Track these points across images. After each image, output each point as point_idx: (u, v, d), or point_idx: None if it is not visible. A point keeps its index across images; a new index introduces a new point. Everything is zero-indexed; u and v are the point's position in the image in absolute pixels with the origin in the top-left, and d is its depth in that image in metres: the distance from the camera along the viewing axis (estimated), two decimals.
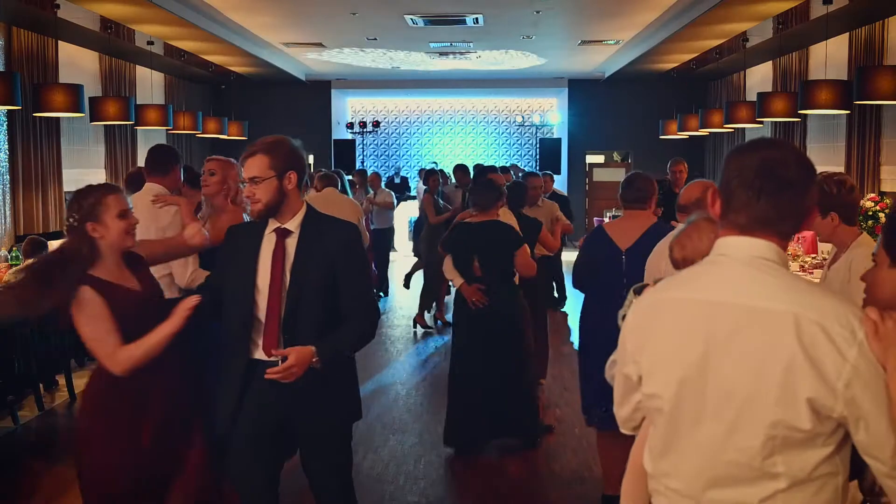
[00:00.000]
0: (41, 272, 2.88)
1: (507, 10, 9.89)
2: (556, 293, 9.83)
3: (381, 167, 18.92)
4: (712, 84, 14.96)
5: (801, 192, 1.62)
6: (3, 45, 8.89)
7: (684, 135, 12.78)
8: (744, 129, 11.50)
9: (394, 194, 11.35)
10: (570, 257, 7.07)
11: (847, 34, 9.33)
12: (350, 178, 10.08)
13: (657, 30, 10.80)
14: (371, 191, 10.83)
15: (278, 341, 2.95)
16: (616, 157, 18.07)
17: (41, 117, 9.13)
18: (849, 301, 1.57)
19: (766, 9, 8.54)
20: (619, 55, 13.24)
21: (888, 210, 7.27)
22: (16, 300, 2.89)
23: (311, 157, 17.05)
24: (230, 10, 9.93)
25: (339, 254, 3.01)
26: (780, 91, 11.01)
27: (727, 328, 1.59)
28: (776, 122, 10.99)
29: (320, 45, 12.46)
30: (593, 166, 17.09)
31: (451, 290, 7.96)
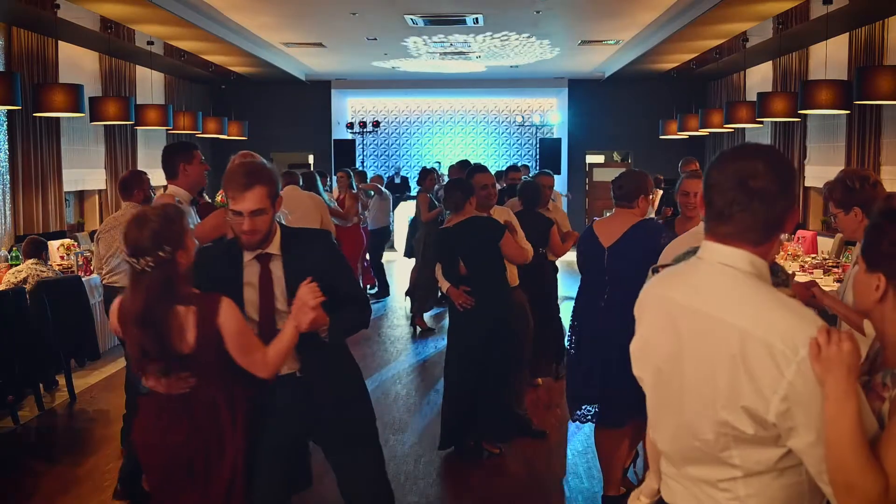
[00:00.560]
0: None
1: (507, 9, 9.89)
2: None
3: (382, 167, 18.92)
4: (712, 84, 14.96)
5: (772, 202, 1.67)
6: (3, 45, 8.89)
7: (684, 135, 12.78)
8: (744, 129, 11.50)
9: (386, 193, 11.26)
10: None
11: (847, 34, 9.33)
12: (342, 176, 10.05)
13: (657, 30, 10.80)
14: (354, 188, 10.60)
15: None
16: (616, 157, 18.08)
17: (41, 117, 9.13)
18: (805, 319, 1.60)
19: (766, 9, 8.53)
20: (619, 55, 13.24)
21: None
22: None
23: (311, 157, 17.07)
24: (230, 10, 9.93)
25: (324, 264, 3.01)
26: (780, 91, 11.02)
27: (691, 332, 1.71)
28: (776, 122, 11.01)
29: (320, 45, 12.46)
30: (593, 166, 17.10)
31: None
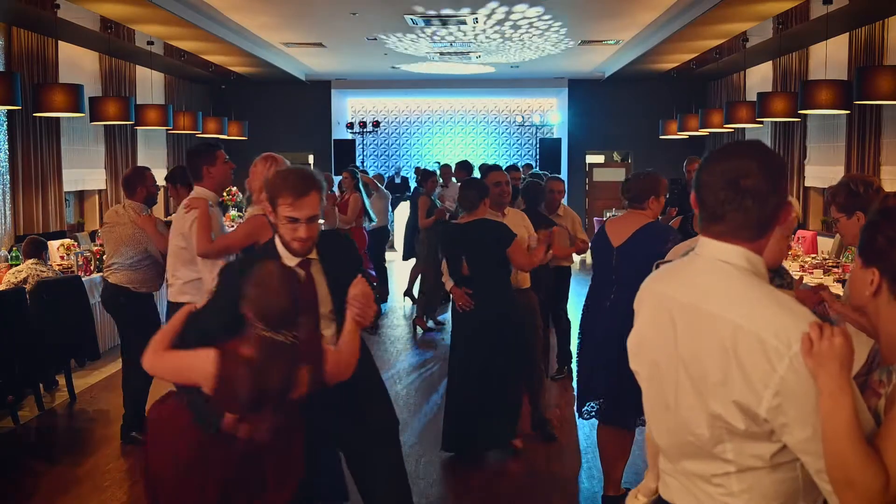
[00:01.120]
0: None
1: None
2: None
3: (382, 167, 18.92)
4: (712, 84, 14.96)
5: (764, 199, 1.68)
6: (3, 45, 8.89)
7: (684, 135, 12.78)
8: (744, 129, 11.50)
9: (384, 192, 11.21)
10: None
11: (847, 34, 9.33)
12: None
13: (657, 30, 10.80)
14: (361, 188, 10.53)
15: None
16: (616, 157, 18.08)
17: (41, 117, 9.13)
18: (798, 315, 1.60)
19: (766, 9, 8.53)
20: (619, 55, 13.24)
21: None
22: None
23: (311, 157, 17.07)
24: (230, 10, 9.93)
25: (354, 264, 3.12)
26: (780, 91, 11.02)
27: (686, 326, 1.72)
28: (776, 122, 11.01)
29: (320, 45, 12.46)
30: (593, 166, 17.10)
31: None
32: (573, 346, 7.33)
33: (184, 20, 9.09)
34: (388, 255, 11.48)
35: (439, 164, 11.67)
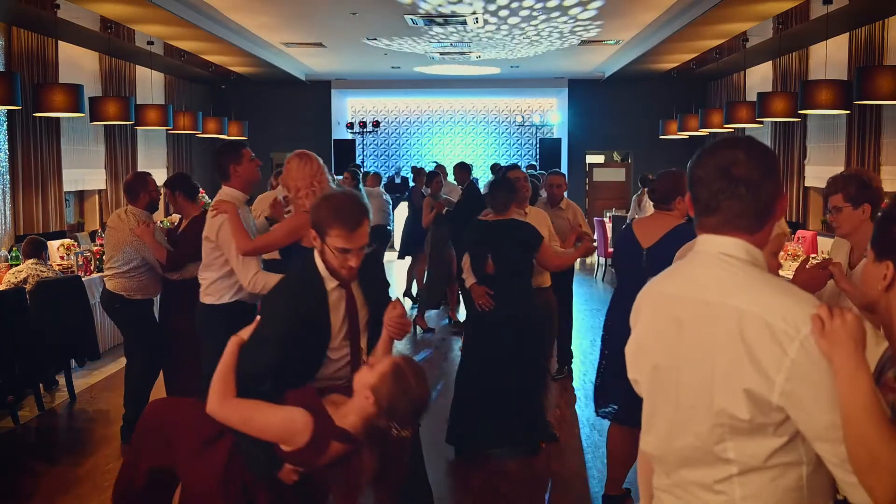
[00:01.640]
0: None
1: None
2: None
3: (382, 167, 18.93)
4: (712, 84, 14.96)
5: (758, 186, 1.67)
6: (3, 45, 8.89)
7: (684, 135, 12.78)
8: (744, 128, 11.50)
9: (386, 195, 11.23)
10: None
11: (847, 34, 9.33)
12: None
13: (657, 30, 10.80)
14: (362, 189, 10.56)
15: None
16: (616, 157, 18.08)
17: (41, 117, 9.13)
18: (804, 299, 1.59)
19: (766, 9, 8.53)
20: (619, 55, 13.23)
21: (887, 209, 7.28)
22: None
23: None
24: (230, 10, 9.93)
25: (382, 275, 3.31)
26: (780, 91, 11.02)
27: (690, 320, 1.69)
28: (776, 122, 11.01)
29: (320, 45, 12.46)
30: (593, 166, 17.10)
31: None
32: (573, 345, 7.35)
33: (184, 20, 9.09)
34: (386, 255, 11.47)
35: (436, 164, 11.66)
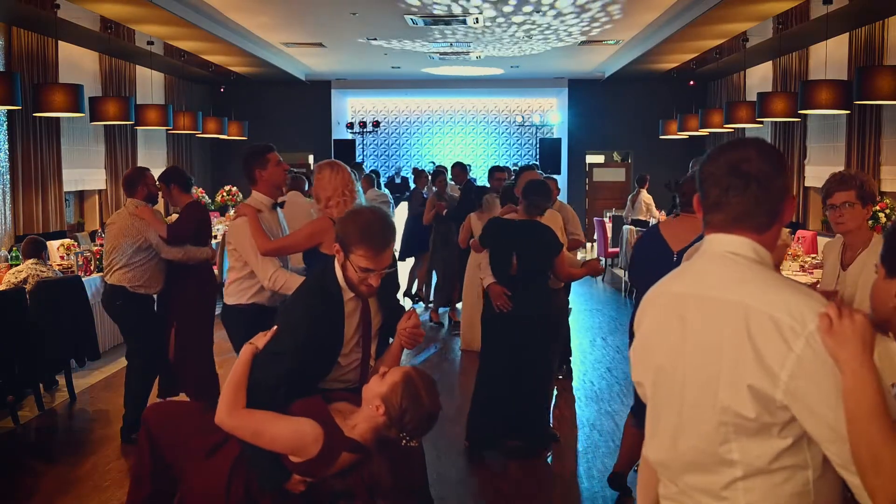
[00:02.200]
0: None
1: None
2: None
3: (382, 167, 18.93)
4: (712, 84, 14.96)
5: (767, 184, 1.66)
6: (3, 45, 8.89)
7: (684, 135, 12.78)
8: (744, 128, 11.50)
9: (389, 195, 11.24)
10: None
11: (847, 34, 9.33)
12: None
13: (657, 30, 10.80)
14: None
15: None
16: (616, 157, 18.08)
17: (41, 117, 9.13)
18: (812, 296, 1.57)
19: (766, 9, 8.54)
20: (619, 55, 13.24)
21: (888, 210, 7.27)
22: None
23: (311, 157, 17.07)
24: (230, 10, 9.93)
25: (393, 282, 3.30)
26: (780, 91, 11.02)
27: (696, 316, 1.67)
28: (776, 122, 11.01)
29: (320, 45, 12.46)
30: (593, 166, 17.10)
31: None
32: (573, 344, 7.38)
33: (184, 20, 9.09)
34: None
35: (433, 163, 11.65)
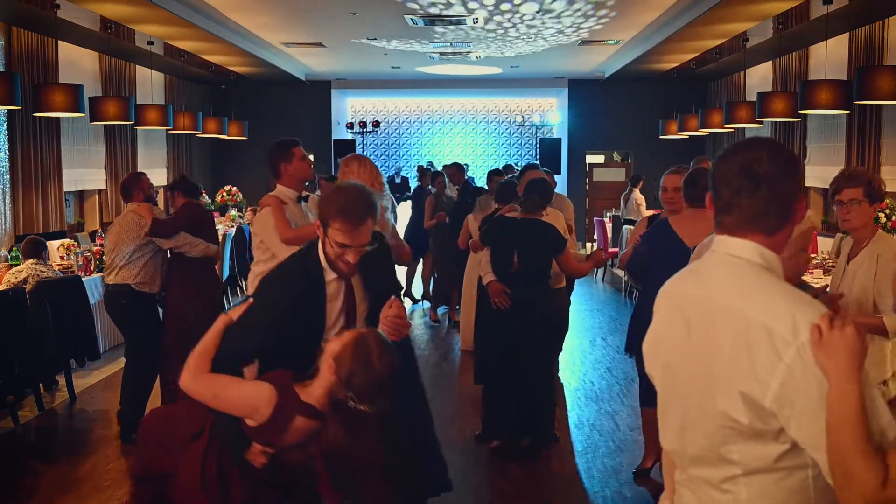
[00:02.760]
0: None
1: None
2: None
3: (382, 167, 18.92)
4: (712, 84, 14.96)
5: (778, 185, 1.66)
6: (3, 45, 8.89)
7: (684, 135, 12.78)
8: (744, 129, 11.50)
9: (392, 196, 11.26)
10: None
11: (847, 34, 9.33)
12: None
13: (657, 30, 10.80)
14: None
15: None
16: (616, 157, 18.08)
17: (41, 117, 9.13)
18: (809, 305, 1.58)
19: (766, 9, 8.54)
20: (619, 55, 13.24)
21: (888, 210, 7.28)
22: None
23: (311, 157, 17.05)
24: (230, 10, 9.93)
25: (386, 268, 3.20)
26: (780, 91, 11.02)
27: (698, 319, 1.70)
28: (776, 122, 11.00)
29: (320, 45, 12.46)
30: (593, 166, 17.10)
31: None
32: (573, 344, 7.39)
33: (184, 20, 9.09)
34: None
35: (431, 163, 11.64)
